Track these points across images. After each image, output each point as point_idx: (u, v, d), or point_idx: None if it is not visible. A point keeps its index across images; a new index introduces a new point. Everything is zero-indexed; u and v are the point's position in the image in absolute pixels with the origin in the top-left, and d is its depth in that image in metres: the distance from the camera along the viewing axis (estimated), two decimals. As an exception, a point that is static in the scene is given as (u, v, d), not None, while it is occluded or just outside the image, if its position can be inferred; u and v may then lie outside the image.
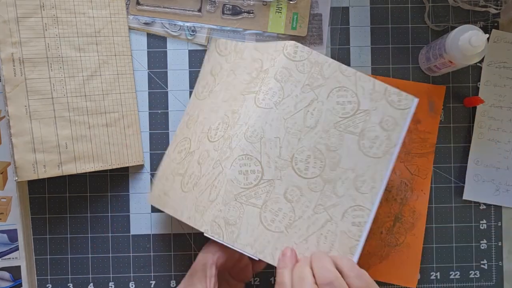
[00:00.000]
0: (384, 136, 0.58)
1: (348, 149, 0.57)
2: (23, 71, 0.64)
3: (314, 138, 0.57)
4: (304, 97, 0.58)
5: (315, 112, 0.57)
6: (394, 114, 0.58)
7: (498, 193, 0.72)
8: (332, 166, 0.57)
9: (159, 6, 0.71)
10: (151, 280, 0.72)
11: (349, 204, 0.56)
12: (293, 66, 0.58)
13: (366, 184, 0.57)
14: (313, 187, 0.56)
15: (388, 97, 0.58)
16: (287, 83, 0.57)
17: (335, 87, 0.58)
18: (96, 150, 0.67)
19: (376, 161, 0.57)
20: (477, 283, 0.73)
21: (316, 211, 0.56)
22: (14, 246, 0.69)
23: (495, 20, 0.73)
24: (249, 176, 0.55)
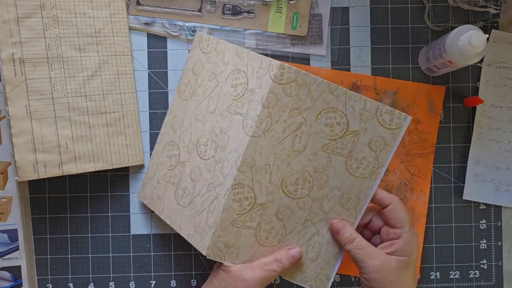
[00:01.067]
0: (372, 157, 0.59)
1: (335, 169, 0.59)
2: (24, 71, 0.64)
3: (303, 162, 0.58)
4: (292, 121, 0.57)
5: (303, 136, 0.58)
6: (384, 134, 0.58)
7: (498, 193, 0.72)
8: (319, 186, 0.59)
9: (159, 6, 0.72)
10: (151, 280, 0.72)
11: (334, 218, 0.60)
12: (280, 90, 0.56)
13: (351, 201, 0.59)
14: (302, 206, 0.59)
15: (380, 116, 0.58)
16: (275, 109, 0.57)
17: (323, 108, 0.58)
18: (96, 150, 0.67)
19: (362, 180, 0.59)
20: (477, 283, 0.73)
21: (304, 226, 0.60)
22: (15, 246, 0.69)
23: (495, 20, 0.73)
24: (243, 202, 0.57)
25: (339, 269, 0.72)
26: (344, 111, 0.58)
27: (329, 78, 0.72)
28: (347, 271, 0.72)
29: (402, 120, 0.58)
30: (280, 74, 0.56)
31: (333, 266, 0.60)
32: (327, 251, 0.60)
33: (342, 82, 0.72)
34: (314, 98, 0.57)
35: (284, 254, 0.59)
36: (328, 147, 0.58)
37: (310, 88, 0.57)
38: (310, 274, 0.60)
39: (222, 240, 0.58)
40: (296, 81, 0.57)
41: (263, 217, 0.58)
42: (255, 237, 0.59)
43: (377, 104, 0.58)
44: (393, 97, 0.72)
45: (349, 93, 0.58)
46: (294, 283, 0.60)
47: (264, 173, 0.57)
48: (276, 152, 0.57)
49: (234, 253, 0.58)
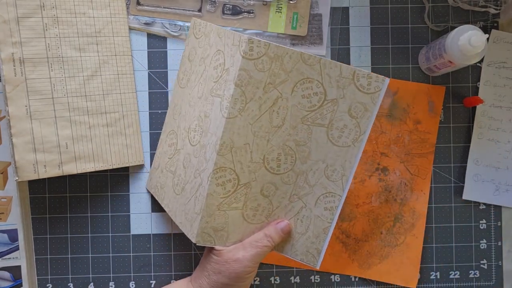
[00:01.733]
0: (353, 125, 0.57)
1: (317, 141, 0.57)
2: (24, 71, 0.64)
3: (283, 137, 0.57)
4: (268, 97, 0.56)
5: (281, 110, 0.56)
6: (363, 100, 0.56)
7: (497, 193, 0.72)
8: (302, 159, 0.58)
9: (159, 6, 0.72)
10: (151, 280, 0.72)
11: (321, 192, 0.58)
12: (251, 66, 0.54)
13: (337, 173, 0.58)
14: (287, 181, 0.58)
15: (357, 82, 0.56)
16: (248, 86, 0.55)
17: (299, 80, 0.56)
18: (96, 150, 0.67)
19: (345, 150, 0.57)
20: (477, 283, 0.73)
21: (291, 200, 0.59)
22: (15, 246, 0.69)
23: (494, 20, 0.73)
24: (227, 185, 0.57)
25: (339, 269, 0.72)
26: (320, 80, 0.56)
27: (329, 78, 0.72)
28: (347, 271, 0.72)
29: (380, 83, 0.56)
30: (250, 49, 0.54)
31: (323, 241, 0.59)
32: (316, 225, 0.59)
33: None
34: (288, 70, 0.55)
35: (272, 228, 0.58)
36: (307, 119, 0.57)
37: (282, 61, 0.55)
38: (300, 248, 0.60)
39: (210, 226, 0.57)
40: (267, 54, 0.54)
41: (248, 196, 0.58)
42: (242, 216, 0.58)
43: (353, 69, 0.56)
44: (393, 97, 0.72)
45: (323, 60, 0.56)
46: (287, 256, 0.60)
47: (245, 152, 0.56)
48: (254, 130, 0.56)
49: (224, 236, 0.58)
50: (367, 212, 0.72)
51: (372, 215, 0.72)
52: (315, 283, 0.72)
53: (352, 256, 0.72)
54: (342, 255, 0.72)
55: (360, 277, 0.72)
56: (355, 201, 0.72)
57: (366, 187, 0.72)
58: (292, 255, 0.60)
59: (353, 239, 0.72)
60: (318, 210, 0.59)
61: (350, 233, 0.72)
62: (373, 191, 0.72)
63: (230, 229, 0.58)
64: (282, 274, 0.72)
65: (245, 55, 0.54)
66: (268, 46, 0.54)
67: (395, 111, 0.72)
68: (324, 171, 0.58)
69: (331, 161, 0.58)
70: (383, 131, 0.72)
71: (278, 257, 0.72)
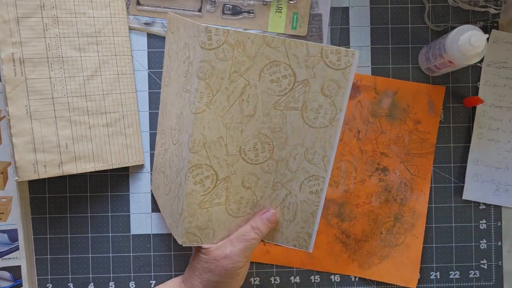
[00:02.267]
0: (328, 104, 0.55)
1: (293, 126, 0.56)
2: (24, 71, 0.64)
3: (256, 125, 0.55)
4: (235, 87, 0.53)
5: (250, 98, 0.54)
6: (334, 77, 0.54)
7: (497, 193, 0.72)
8: (280, 146, 0.56)
9: (159, 6, 0.72)
10: (151, 280, 0.72)
11: (304, 176, 0.57)
12: (212, 56, 0.52)
13: (317, 155, 0.56)
14: (267, 169, 0.57)
15: (326, 59, 0.54)
16: (212, 78, 0.52)
17: (265, 64, 0.54)
18: (96, 150, 0.67)
19: (323, 130, 0.56)
20: (477, 283, 0.73)
21: (274, 188, 0.58)
22: (15, 246, 0.69)
23: (494, 20, 0.73)
24: (205, 182, 0.55)
25: (339, 269, 0.72)
26: (288, 62, 0.54)
27: (329, 78, 0.72)
28: (347, 271, 0.72)
29: (350, 57, 0.54)
30: (208, 39, 0.51)
31: (313, 224, 0.58)
32: (303, 210, 0.58)
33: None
34: (252, 56, 0.53)
35: (259, 219, 0.57)
36: (279, 104, 0.55)
37: (244, 47, 0.53)
38: (291, 235, 0.59)
39: (194, 225, 0.56)
40: (228, 42, 0.52)
41: (229, 190, 0.56)
42: (226, 211, 0.57)
43: (321, 46, 0.54)
44: (393, 97, 0.72)
45: (287, 41, 0.53)
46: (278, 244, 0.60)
47: (219, 147, 0.55)
48: (225, 122, 0.54)
49: (210, 233, 0.57)
50: (367, 212, 0.72)
51: (372, 215, 0.72)
52: (315, 283, 0.72)
53: (352, 256, 0.72)
54: (342, 255, 0.72)
55: (360, 277, 0.72)
56: (355, 201, 0.72)
57: (366, 187, 0.72)
58: (283, 242, 0.59)
59: (353, 239, 0.72)
60: (303, 195, 0.58)
61: (350, 233, 0.72)
62: (373, 191, 0.72)
63: (215, 226, 0.57)
64: (282, 274, 0.72)
65: (204, 45, 0.51)
66: (227, 33, 0.52)
67: (395, 111, 0.72)
68: (304, 155, 0.57)
69: (310, 144, 0.56)
70: (383, 131, 0.72)
71: (278, 257, 0.72)
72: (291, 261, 0.72)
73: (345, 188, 0.72)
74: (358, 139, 0.72)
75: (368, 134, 0.72)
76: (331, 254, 0.72)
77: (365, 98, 0.72)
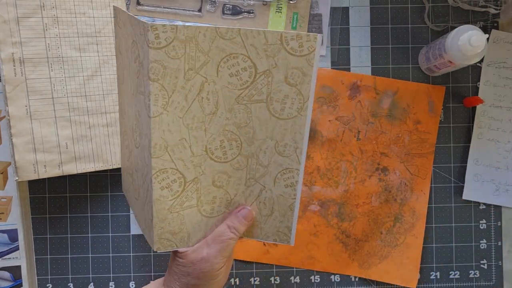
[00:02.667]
0: (294, 93, 0.52)
1: (259, 119, 0.53)
2: (24, 71, 0.64)
3: (220, 122, 0.53)
4: (192, 85, 0.50)
5: (211, 95, 0.51)
6: (298, 64, 0.51)
7: (497, 193, 0.72)
8: (248, 141, 0.54)
9: (159, 6, 0.72)
10: (151, 280, 0.72)
11: (277, 170, 0.55)
12: (163, 56, 0.49)
13: (289, 147, 0.54)
14: (237, 166, 0.55)
15: (287, 46, 0.51)
16: (166, 78, 0.49)
17: (221, 58, 0.51)
18: (96, 150, 0.67)
19: (292, 121, 0.53)
20: (477, 283, 0.73)
21: (248, 185, 0.56)
22: (15, 246, 0.69)
23: (494, 20, 0.73)
24: (173, 186, 0.53)
25: (339, 269, 0.72)
26: (246, 53, 0.51)
27: (329, 78, 0.72)
28: (347, 271, 0.72)
29: (313, 41, 0.50)
30: (156, 37, 0.48)
31: (291, 217, 0.56)
32: (280, 204, 0.56)
33: (342, 82, 0.72)
34: (206, 51, 0.50)
35: (234, 218, 0.55)
36: (242, 98, 0.52)
37: (197, 41, 0.49)
38: (270, 230, 0.57)
39: (166, 231, 0.54)
40: (177, 38, 0.49)
41: (200, 192, 0.54)
42: (199, 213, 0.55)
43: (279, 33, 0.50)
44: (393, 97, 0.72)
45: (243, 31, 0.50)
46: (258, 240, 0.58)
47: (183, 148, 0.52)
48: (186, 123, 0.51)
49: (185, 237, 0.55)
50: (367, 212, 0.72)
51: (372, 215, 0.72)
52: (315, 283, 0.72)
53: (352, 256, 0.72)
54: (342, 255, 0.72)
55: (360, 277, 0.72)
56: (355, 201, 0.72)
57: (366, 187, 0.72)
58: (263, 238, 0.57)
59: (353, 239, 0.72)
60: (278, 189, 0.56)
61: (350, 233, 0.72)
62: (373, 191, 0.72)
63: (189, 228, 0.55)
64: (282, 274, 0.72)
65: (152, 44, 0.48)
66: (176, 29, 0.48)
67: (395, 111, 0.72)
68: (274, 148, 0.54)
69: (280, 136, 0.54)
70: (383, 131, 0.72)
71: (278, 257, 0.72)
72: (291, 261, 0.72)
73: (345, 188, 0.72)
74: (358, 139, 0.72)
75: (368, 134, 0.72)
76: (331, 254, 0.72)
77: (365, 98, 0.72)
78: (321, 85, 0.72)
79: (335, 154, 0.72)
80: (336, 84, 0.72)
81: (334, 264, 0.72)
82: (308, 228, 0.72)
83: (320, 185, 0.72)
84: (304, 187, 0.72)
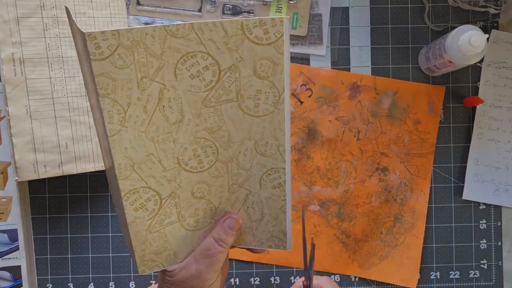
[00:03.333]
0: (267, 86, 0.47)
1: (233, 120, 0.48)
2: (24, 71, 0.64)
3: (189, 130, 0.48)
4: (149, 94, 0.45)
5: (172, 102, 0.46)
6: (266, 53, 0.46)
7: (497, 193, 0.72)
8: (224, 145, 0.49)
9: (159, 6, 0.72)
10: (151, 280, 0.72)
11: (261, 171, 0.51)
12: (109, 66, 0.43)
13: (270, 146, 0.50)
14: (217, 174, 0.50)
15: (250, 35, 0.45)
16: (117, 91, 0.44)
17: (177, 60, 0.45)
18: (97, 150, 0.67)
19: (269, 117, 0.48)
20: (477, 283, 0.73)
21: (232, 191, 0.51)
22: (15, 246, 0.69)
23: (494, 20, 0.73)
24: (148, 205, 0.48)
25: (339, 269, 0.72)
26: (204, 50, 0.46)
27: (329, 78, 0.72)
28: (347, 271, 0.72)
29: (279, 26, 0.45)
30: (96, 47, 0.42)
31: (284, 220, 0.52)
32: (270, 207, 0.52)
33: (342, 82, 0.72)
34: (158, 54, 0.45)
35: (220, 229, 0.51)
36: (209, 100, 0.47)
37: (146, 45, 0.44)
38: (263, 235, 0.53)
39: (149, 252, 0.50)
40: (122, 45, 0.43)
41: (180, 206, 0.50)
42: (183, 227, 0.51)
43: (239, 21, 0.45)
44: (393, 97, 0.72)
45: (196, 25, 0.45)
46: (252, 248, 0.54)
47: (152, 164, 0.47)
48: (151, 136, 0.47)
49: (171, 254, 0.51)
50: (367, 212, 0.72)
51: (372, 215, 0.72)
52: (315, 283, 0.72)
53: (352, 256, 0.72)
54: (342, 255, 0.72)
55: (360, 277, 0.72)
56: (355, 201, 0.72)
57: (366, 187, 0.72)
58: (257, 245, 0.53)
59: (353, 239, 0.72)
60: (265, 191, 0.51)
61: (350, 233, 0.72)
62: (373, 191, 0.72)
63: (174, 246, 0.51)
64: (282, 274, 0.72)
65: (94, 56, 0.43)
66: (118, 34, 0.43)
67: (395, 111, 0.72)
68: (255, 149, 0.50)
69: (259, 135, 0.49)
70: (383, 131, 0.72)
71: (278, 257, 0.72)
72: (291, 261, 0.72)
73: (345, 188, 0.72)
74: (358, 139, 0.72)
75: (368, 134, 0.72)
76: (331, 254, 0.72)
77: (365, 98, 0.72)
78: (321, 85, 0.72)
79: (335, 154, 0.72)
80: (336, 84, 0.72)
81: (334, 264, 0.72)
82: (308, 228, 0.72)
83: (320, 185, 0.72)
84: (304, 187, 0.72)
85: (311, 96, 0.72)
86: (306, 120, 0.72)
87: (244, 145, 0.50)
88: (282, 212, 0.52)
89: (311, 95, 0.72)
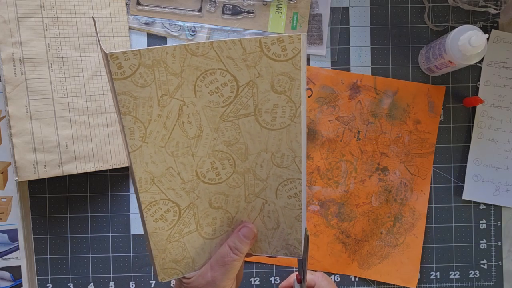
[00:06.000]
0: (284, 101, 0.49)
1: (250, 133, 0.50)
2: (24, 71, 0.64)
3: (208, 144, 0.50)
4: (169, 110, 0.47)
5: (191, 118, 0.48)
6: (284, 69, 0.48)
7: (497, 193, 0.72)
8: (242, 158, 0.51)
9: (159, 6, 0.72)
10: (151, 280, 0.72)
11: (278, 182, 0.52)
12: (131, 86, 0.45)
13: (286, 157, 0.51)
14: (234, 185, 0.52)
15: (268, 52, 0.47)
16: (139, 109, 0.46)
17: (197, 77, 0.47)
18: (96, 150, 0.67)
19: (286, 130, 0.50)
20: (477, 283, 0.73)
21: (248, 201, 0.53)
22: (15, 246, 0.69)
23: (494, 20, 0.73)
24: (167, 216, 0.51)
25: (339, 269, 0.72)
26: (223, 67, 0.47)
27: (329, 78, 0.72)
28: (347, 271, 0.72)
29: (296, 43, 0.47)
30: (118, 67, 0.44)
31: (299, 228, 0.54)
32: (285, 216, 0.53)
33: (342, 82, 0.72)
34: (178, 72, 0.46)
35: (235, 238, 0.53)
36: (227, 115, 0.49)
37: (166, 64, 0.46)
38: (279, 243, 0.55)
39: (168, 260, 0.52)
40: (143, 64, 0.45)
41: (198, 216, 0.52)
42: (201, 236, 0.53)
43: (257, 39, 0.46)
44: (393, 97, 0.72)
45: (216, 43, 0.46)
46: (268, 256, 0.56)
47: (171, 177, 0.50)
48: (171, 151, 0.49)
49: (189, 262, 0.53)
50: (367, 212, 0.72)
51: (372, 215, 0.72)
52: (315, 283, 0.72)
53: (352, 256, 0.72)
54: (342, 255, 0.72)
55: (360, 277, 0.72)
56: (355, 201, 0.72)
57: (366, 187, 0.72)
58: (272, 252, 0.55)
59: (353, 239, 0.72)
60: (281, 200, 0.53)
61: (350, 233, 0.72)
62: (373, 191, 0.72)
63: (192, 254, 0.53)
64: (282, 274, 0.72)
65: (116, 75, 0.45)
66: (139, 54, 0.45)
67: (395, 111, 0.72)
68: (271, 160, 0.51)
69: (275, 148, 0.51)
70: (383, 131, 0.72)
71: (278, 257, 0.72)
72: (291, 261, 0.72)
73: (345, 188, 0.72)
74: (358, 139, 0.72)
75: (368, 134, 0.72)
76: (331, 254, 0.72)
77: (365, 98, 0.72)
78: (321, 85, 0.72)
79: (335, 154, 0.72)
80: (336, 84, 0.72)
81: (334, 264, 0.72)
82: (308, 228, 0.72)
83: (320, 185, 0.72)
84: (304, 187, 0.72)
85: (311, 96, 0.72)
86: (306, 120, 0.72)
87: (261, 157, 0.51)
88: (297, 221, 0.53)
89: (311, 95, 0.72)
